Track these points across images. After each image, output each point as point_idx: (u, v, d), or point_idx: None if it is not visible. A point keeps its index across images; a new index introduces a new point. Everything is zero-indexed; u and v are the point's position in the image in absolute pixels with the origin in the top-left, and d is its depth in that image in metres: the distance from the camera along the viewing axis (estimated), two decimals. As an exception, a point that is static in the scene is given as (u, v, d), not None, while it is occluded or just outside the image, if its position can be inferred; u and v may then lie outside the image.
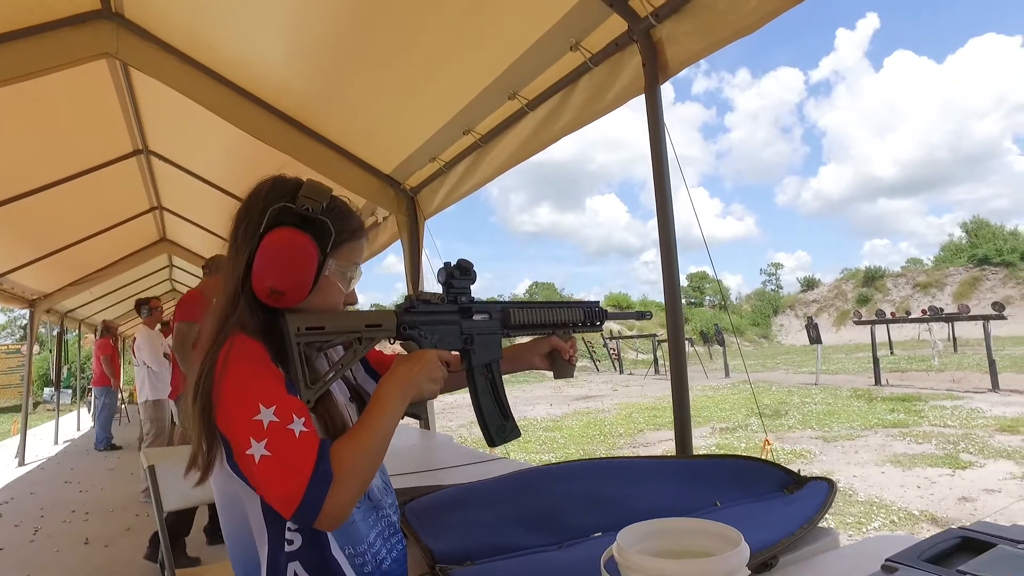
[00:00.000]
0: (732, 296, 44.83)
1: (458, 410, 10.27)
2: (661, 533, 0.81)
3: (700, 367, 16.16)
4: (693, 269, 44.72)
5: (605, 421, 8.78)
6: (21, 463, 6.84)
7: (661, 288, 1.79)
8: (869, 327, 11.83)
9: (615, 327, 32.81)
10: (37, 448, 8.05)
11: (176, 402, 3.81)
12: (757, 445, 6.36)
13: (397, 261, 3.38)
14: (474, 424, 1.13)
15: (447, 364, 0.97)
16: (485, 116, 2.46)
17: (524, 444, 7.26)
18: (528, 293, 43.13)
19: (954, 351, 16.55)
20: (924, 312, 12.77)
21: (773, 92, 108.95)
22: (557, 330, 1.16)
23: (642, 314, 1.32)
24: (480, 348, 1.05)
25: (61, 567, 3.36)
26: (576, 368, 1.21)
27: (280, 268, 0.84)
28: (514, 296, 44.50)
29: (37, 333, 7.52)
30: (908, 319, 12.87)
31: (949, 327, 16.20)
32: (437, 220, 3.28)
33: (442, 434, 2.87)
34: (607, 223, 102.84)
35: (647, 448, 6.62)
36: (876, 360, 11.11)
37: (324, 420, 0.88)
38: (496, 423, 1.07)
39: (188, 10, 2.54)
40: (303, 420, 0.79)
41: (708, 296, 43.76)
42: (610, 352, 20.07)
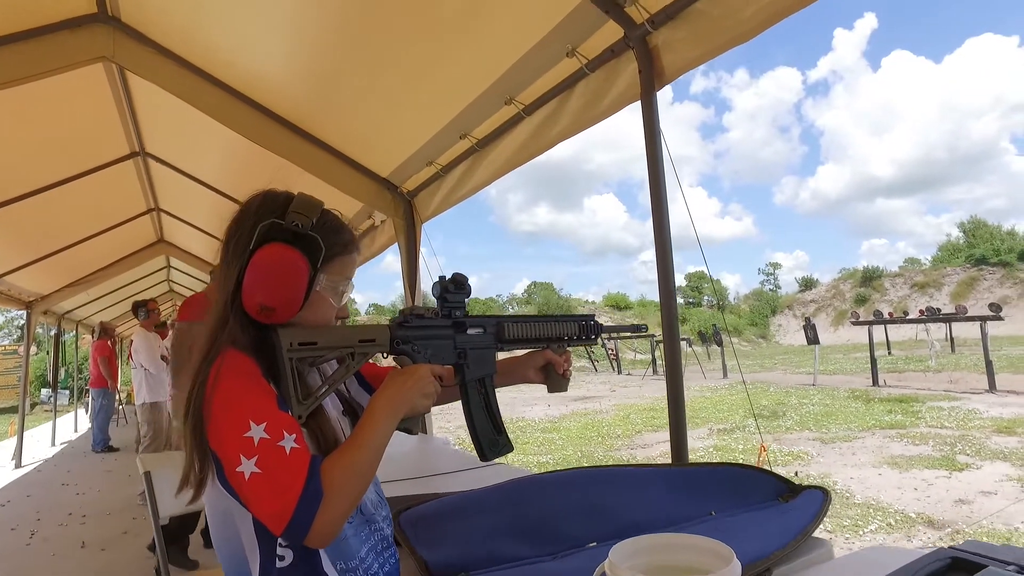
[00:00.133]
0: (730, 296, 44.91)
1: (456, 411, 10.22)
2: (653, 549, 0.81)
3: (698, 367, 16.17)
4: (692, 269, 44.77)
5: (603, 422, 8.79)
6: (18, 465, 6.82)
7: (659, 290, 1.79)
8: (867, 327, 11.86)
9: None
10: (34, 450, 8.03)
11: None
12: (755, 447, 6.37)
13: (396, 260, 3.38)
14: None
15: (440, 378, 0.97)
16: (482, 121, 2.46)
17: (522, 446, 7.27)
18: (527, 293, 43.13)
19: (951, 351, 16.58)
20: (922, 312, 12.81)
21: (771, 92, 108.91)
22: (551, 344, 1.16)
23: (638, 327, 1.32)
24: (474, 362, 1.05)
25: (57, 571, 3.35)
26: (574, 371, 1.21)
27: (270, 285, 0.84)
28: (512, 296, 44.52)
29: (34, 334, 7.51)
30: (905, 320, 12.90)
31: (947, 327, 16.24)
32: (435, 219, 3.28)
33: (439, 438, 2.87)
34: (605, 223, 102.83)
35: (645, 450, 6.63)
36: (874, 361, 11.13)
37: (316, 436, 0.88)
38: (489, 438, 1.07)
39: (185, 14, 2.53)
40: (294, 436, 0.79)
41: (706, 296, 43.80)
42: (608, 352, 20.08)
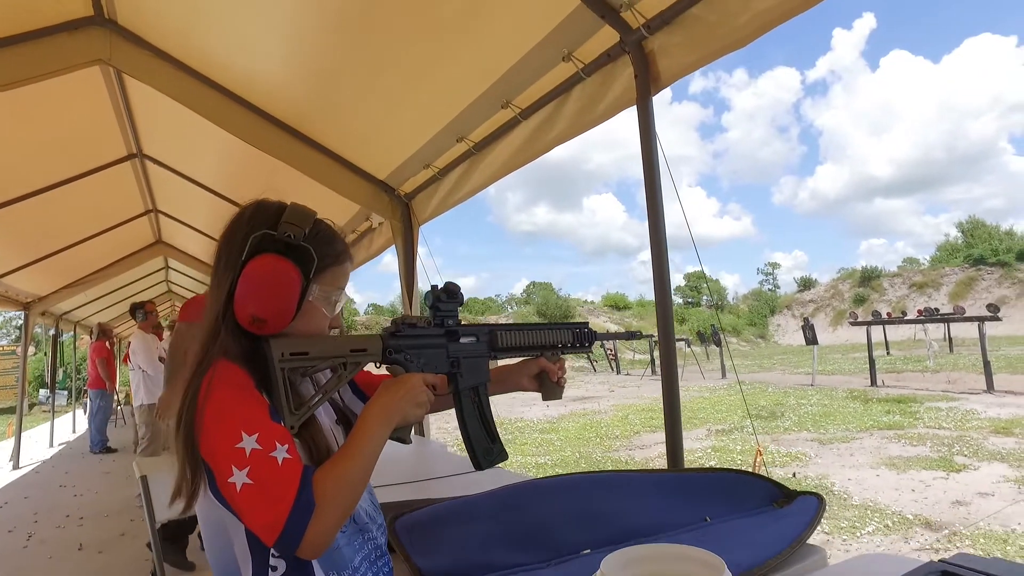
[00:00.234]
0: (729, 296, 44.96)
1: (454, 415, 10.25)
2: (645, 559, 0.81)
3: (697, 368, 16.18)
4: (690, 269, 44.78)
5: (601, 423, 8.79)
6: (16, 466, 6.81)
7: None
8: (865, 328, 11.87)
9: (612, 327, 32.94)
10: (32, 451, 8.02)
11: None
12: (753, 448, 6.37)
13: (395, 260, 3.37)
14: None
15: (433, 387, 0.97)
16: (479, 124, 2.46)
17: (520, 447, 7.27)
18: (525, 293, 43.21)
19: (950, 351, 16.60)
20: (920, 313, 12.82)
21: (770, 92, 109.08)
22: (545, 352, 1.16)
23: (633, 334, 1.32)
24: (467, 371, 1.05)
25: (55, 574, 3.35)
26: (573, 371, 1.21)
27: (262, 296, 0.84)
28: (511, 296, 44.62)
29: (33, 334, 7.50)
30: (903, 320, 12.91)
31: (945, 327, 16.26)
32: (433, 219, 3.26)
33: (436, 442, 2.87)
34: (604, 223, 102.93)
35: (643, 450, 6.63)
36: (872, 361, 11.15)
37: (308, 446, 0.88)
38: (483, 446, 1.07)
39: (182, 16, 2.53)
40: (286, 447, 0.79)
41: (705, 296, 43.83)
42: (607, 353, 20.08)
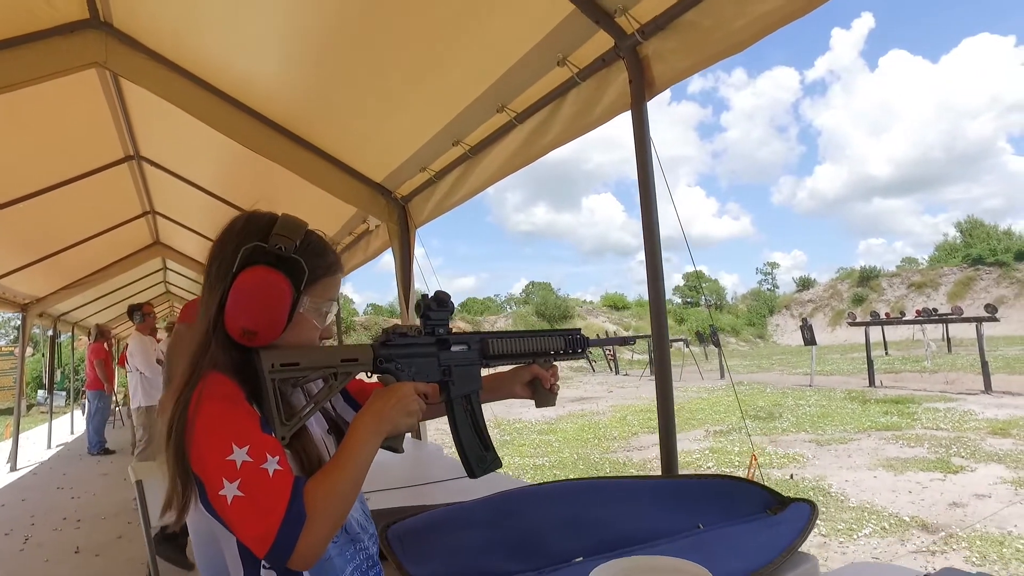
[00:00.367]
0: (728, 296, 44.95)
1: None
2: (634, 571, 0.81)
3: (695, 368, 16.19)
4: (689, 268, 44.79)
5: (600, 424, 8.79)
6: (13, 468, 6.80)
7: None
8: (863, 328, 11.88)
9: (611, 327, 32.94)
10: (30, 452, 8.01)
11: None
12: (751, 449, 6.38)
13: (394, 259, 3.34)
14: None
15: (425, 396, 0.97)
16: (474, 128, 2.46)
17: (518, 448, 7.27)
18: (524, 293, 43.25)
19: (948, 351, 16.62)
20: (918, 313, 12.83)
21: (769, 92, 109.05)
22: (538, 359, 1.16)
23: (626, 340, 1.32)
24: (459, 379, 1.05)
25: (51, 577, 3.35)
26: (572, 371, 1.21)
27: (253, 308, 0.84)
28: (510, 296, 44.68)
29: (31, 335, 7.49)
30: (901, 321, 12.91)
31: (943, 328, 16.28)
32: (432, 219, 3.25)
33: (432, 444, 2.87)
34: (603, 222, 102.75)
35: (641, 452, 6.63)
36: (870, 362, 11.15)
37: (300, 456, 0.88)
38: (476, 454, 1.07)
39: (178, 20, 2.53)
40: (277, 459, 0.79)
41: (704, 296, 43.86)
42: (605, 353, 20.07)
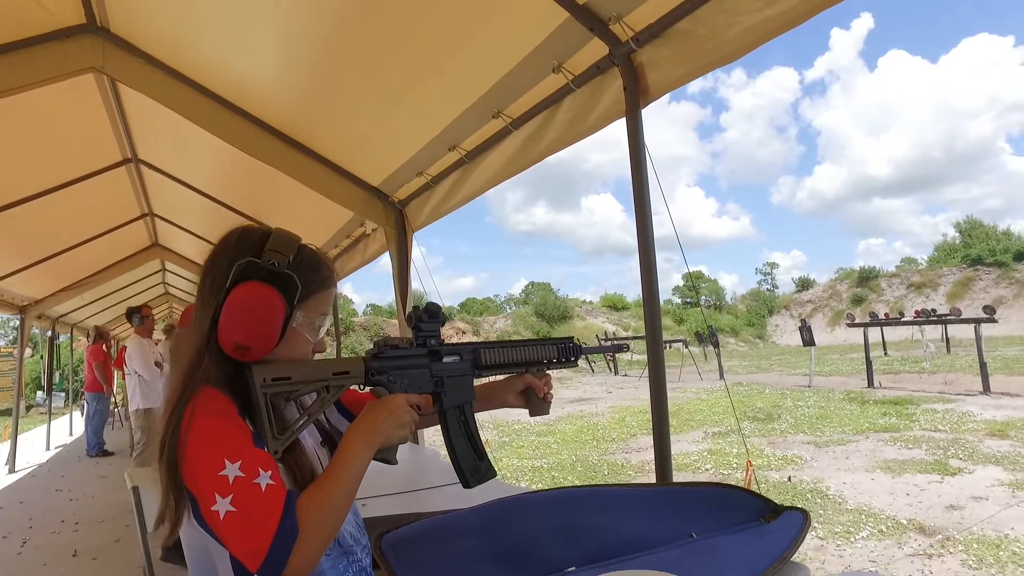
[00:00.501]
0: (728, 296, 45.00)
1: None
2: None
3: (695, 369, 16.20)
4: (690, 268, 44.71)
5: (599, 425, 8.80)
6: (11, 470, 6.80)
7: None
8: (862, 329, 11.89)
9: (611, 328, 32.94)
10: (28, 454, 8.00)
11: None
12: (750, 450, 6.38)
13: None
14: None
15: (418, 407, 0.98)
16: (470, 133, 2.46)
17: (517, 450, 7.28)
18: (524, 293, 43.31)
19: (947, 352, 16.64)
20: (917, 314, 12.83)
21: (768, 92, 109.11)
22: (531, 368, 1.16)
23: (619, 347, 1.33)
24: (451, 390, 1.06)
25: (48, 580, 3.35)
26: (571, 371, 1.21)
27: (246, 323, 0.85)
28: (510, 296, 44.75)
29: (30, 336, 7.48)
30: (900, 321, 12.92)
31: (942, 328, 16.29)
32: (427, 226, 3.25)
33: (429, 449, 2.87)
34: (603, 222, 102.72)
35: (639, 453, 6.63)
36: (869, 363, 11.17)
37: (292, 470, 0.88)
38: (470, 464, 1.07)
39: (174, 24, 2.53)
40: (270, 473, 0.80)
41: (704, 296, 43.89)
42: (605, 353, 20.07)
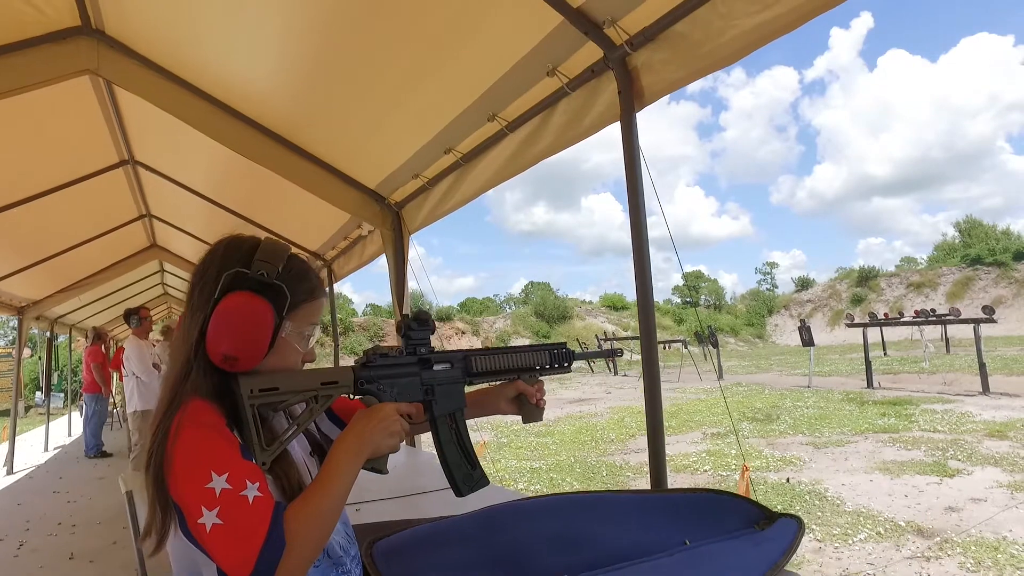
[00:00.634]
0: (727, 296, 45.04)
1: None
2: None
3: (694, 369, 16.20)
4: (689, 268, 44.86)
5: (598, 426, 8.79)
6: (9, 471, 6.78)
7: (657, 288, 1.80)
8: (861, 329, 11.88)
9: (611, 327, 32.95)
10: (27, 455, 7.98)
11: None
12: (748, 451, 6.38)
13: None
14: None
15: (409, 416, 0.97)
16: (466, 136, 2.46)
17: (516, 451, 7.27)
18: (524, 292, 43.37)
19: (947, 352, 16.63)
20: (916, 314, 12.83)
21: (768, 91, 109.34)
22: (523, 375, 1.15)
23: (612, 352, 1.32)
24: (442, 398, 1.05)
25: (45, 584, 3.34)
26: (568, 376, 1.21)
27: (234, 334, 0.84)
28: (509, 296, 44.82)
29: (29, 336, 7.47)
30: (899, 322, 12.92)
31: (942, 328, 16.29)
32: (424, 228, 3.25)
33: (427, 453, 2.86)
34: (602, 222, 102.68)
35: (638, 455, 6.62)
36: (868, 363, 11.16)
37: (280, 481, 0.87)
38: (463, 472, 1.07)
39: (170, 26, 2.52)
40: (257, 485, 0.79)
41: (704, 296, 43.95)
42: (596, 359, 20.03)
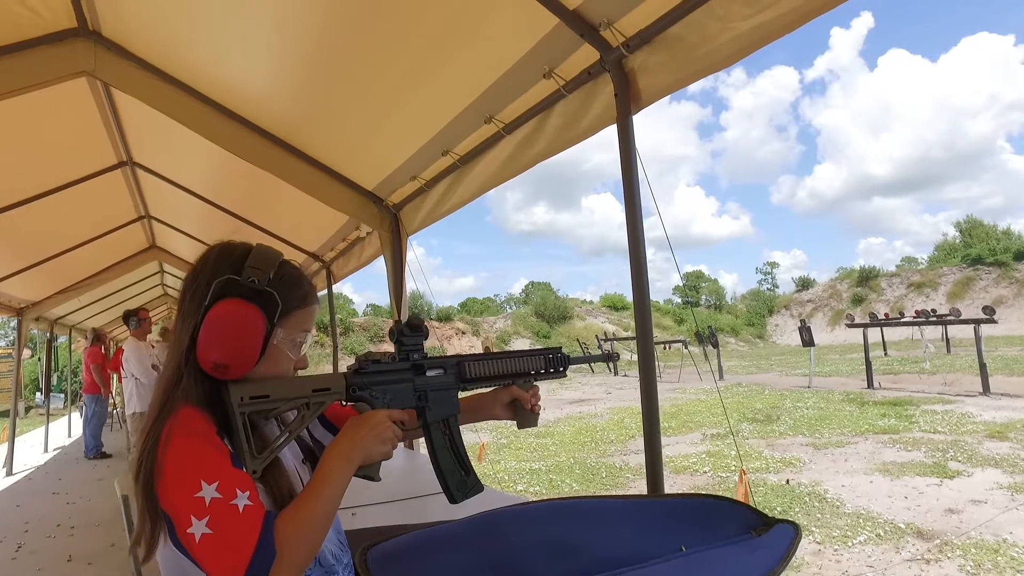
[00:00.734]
0: (728, 296, 45.05)
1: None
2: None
3: (694, 369, 16.20)
4: (689, 268, 44.87)
5: (597, 427, 8.78)
6: (9, 472, 6.77)
7: (657, 288, 1.79)
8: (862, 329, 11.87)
9: (611, 327, 32.93)
10: (27, 456, 7.98)
11: None
12: (747, 452, 6.37)
13: (392, 256, 3.34)
14: (466, 431, 1.14)
15: (402, 423, 0.96)
16: (463, 138, 2.45)
17: (515, 452, 7.26)
18: (524, 292, 43.37)
19: (947, 352, 16.62)
20: (916, 314, 12.82)
21: (768, 91, 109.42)
22: (517, 380, 1.15)
23: (609, 356, 1.31)
24: (435, 404, 1.04)
25: (43, 586, 3.34)
26: (570, 372, 1.20)
27: (225, 342, 0.83)
28: (510, 296, 44.84)
29: (29, 337, 7.47)
30: (899, 322, 12.90)
31: (942, 328, 16.28)
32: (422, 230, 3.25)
33: (423, 455, 2.86)
34: (602, 222, 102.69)
35: (638, 456, 6.62)
36: (868, 363, 11.15)
37: (271, 489, 0.87)
38: (456, 479, 1.06)
39: (167, 28, 2.52)
40: (248, 494, 0.78)
41: (704, 296, 43.95)
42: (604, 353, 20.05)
